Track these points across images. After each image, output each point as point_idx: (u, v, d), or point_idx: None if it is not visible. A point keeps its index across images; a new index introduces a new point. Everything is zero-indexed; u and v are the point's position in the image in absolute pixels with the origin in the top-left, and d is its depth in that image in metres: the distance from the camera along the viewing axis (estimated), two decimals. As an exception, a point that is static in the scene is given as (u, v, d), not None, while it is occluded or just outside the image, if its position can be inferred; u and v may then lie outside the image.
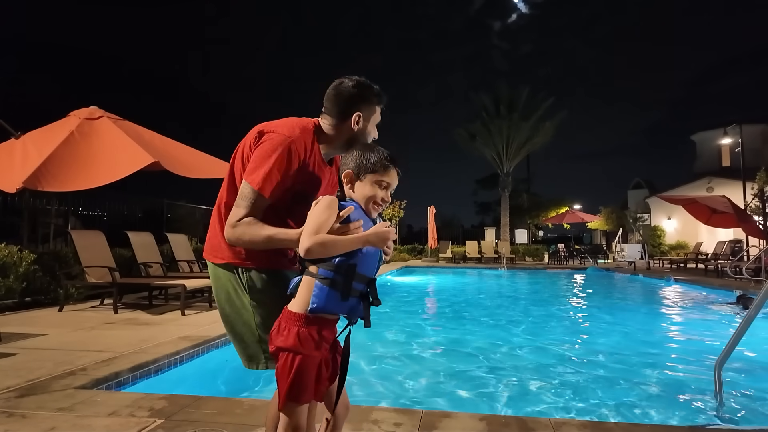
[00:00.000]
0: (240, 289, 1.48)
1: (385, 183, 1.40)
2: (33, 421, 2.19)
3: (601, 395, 3.35)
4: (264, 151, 1.39)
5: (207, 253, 1.56)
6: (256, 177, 1.37)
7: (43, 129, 5.80)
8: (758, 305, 2.81)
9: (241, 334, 1.52)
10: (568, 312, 7.69)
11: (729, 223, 12.27)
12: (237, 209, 1.39)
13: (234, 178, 1.49)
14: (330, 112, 1.53)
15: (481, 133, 23.88)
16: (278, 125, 1.46)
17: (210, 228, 1.56)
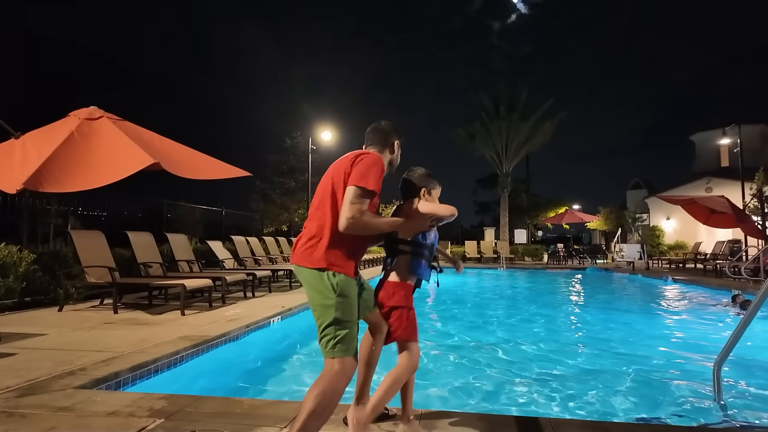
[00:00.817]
0: (322, 290, 1.85)
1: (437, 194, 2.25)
2: (33, 420, 2.19)
3: (600, 395, 3.36)
4: (369, 163, 1.90)
5: (309, 261, 1.89)
6: (369, 181, 1.86)
7: (43, 129, 5.79)
8: (757, 305, 2.82)
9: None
10: (567, 312, 7.70)
11: (728, 223, 12.27)
12: (358, 204, 1.82)
13: (335, 196, 1.92)
14: (374, 142, 2.16)
15: (481, 133, 23.90)
16: (370, 152, 2.03)
17: (313, 240, 1.91)
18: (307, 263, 1.87)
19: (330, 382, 1.77)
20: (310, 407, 1.71)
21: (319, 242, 1.87)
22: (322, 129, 17.29)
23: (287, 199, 21.65)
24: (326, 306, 1.82)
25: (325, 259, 1.85)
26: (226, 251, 9.02)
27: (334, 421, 2.22)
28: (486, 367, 4.09)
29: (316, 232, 1.90)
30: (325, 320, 1.82)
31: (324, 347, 1.82)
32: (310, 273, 1.87)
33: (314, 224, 1.92)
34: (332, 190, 1.92)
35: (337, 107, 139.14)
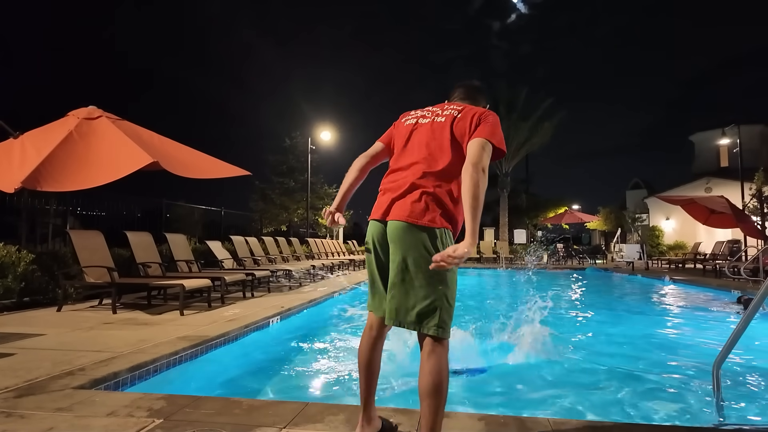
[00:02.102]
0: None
1: None
2: (31, 421, 2.19)
3: (599, 395, 3.35)
4: (495, 123, 1.79)
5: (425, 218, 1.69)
6: (500, 139, 1.76)
7: (42, 129, 5.79)
8: (756, 305, 2.81)
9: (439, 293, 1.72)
10: (566, 312, 7.70)
11: (727, 223, 12.29)
12: (486, 155, 1.69)
13: (455, 144, 1.78)
14: (466, 98, 2.04)
15: (480, 133, 23.85)
16: (474, 108, 1.88)
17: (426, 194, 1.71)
18: (426, 221, 1.67)
19: (444, 361, 1.68)
20: (443, 394, 1.63)
21: (439, 198, 1.70)
22: (322, 129, 17.30)
23: (286, 199, 21.65)
24: (447, 274, 1.69)
25: (447, 218, 1.71)
26: (225, 251, 9.01)
27: (332, 421, 2.22)
28: (484, 366, 4.08)
29: (433, 187, 1.71)
30: (444, 292, 1.69)
31: (431, 323, 1.66)
32: (428, 233, 1.67)
33: (431, 178, 1.73)
34: (453, 141, 1.77)
35: (337, 107, 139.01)
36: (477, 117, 1.79)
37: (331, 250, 14.92)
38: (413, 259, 1.67)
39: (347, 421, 2.22)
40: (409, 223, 1.68)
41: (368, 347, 1.93)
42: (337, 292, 7.93)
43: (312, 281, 9.59)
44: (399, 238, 1.70)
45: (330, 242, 15.91)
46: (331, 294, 7.61)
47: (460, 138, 1.78)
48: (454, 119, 1.82)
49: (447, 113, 1.86)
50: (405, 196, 1.73)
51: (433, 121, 1.86)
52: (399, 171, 1.82)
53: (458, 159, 1.75)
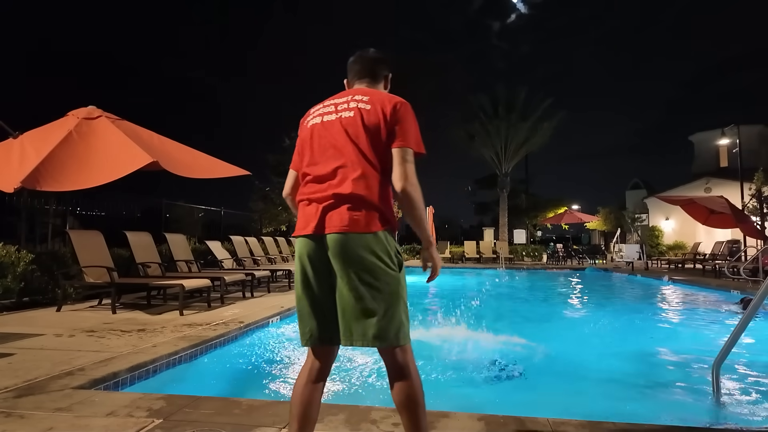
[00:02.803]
0: (390, 258, 1.57)
1: None
2: (31, 421, 2.19)
3: (599, 395, 3.35)
4: (410, 118, 1.65)
5: (365, 224, 1.55)
6: (417, 140, 1.64)
7: (41, 128, 5.78)
8: (756, 305, 2.82)
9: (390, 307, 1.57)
10: (565, 312, 7.70)
11: (727, 223, 12.29)
12: (412, 166, 1.59)
13: (373, 140, 1.62)
14: (365, 74, 1.83)
15: (480, 133, 23.90)
16: (394, 96, 1.71)
17: (360, 199, 1.56)
18: (367, 227, 1.54)
19: (413, 368, 1.59)
20: (420, 402, 1.55)
21: (373, 200, 1.58)
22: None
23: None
24: (399, 277, 1.58)
25: (385, 219, 1.59)
26: (224, 251, 9.01)
27: (332, 421, 2.22)
28: (484, 366, 4.08)
29: (365, 189, 1.58)
30: (401, 296, 1.58)
31: (393, 333, 1.53)
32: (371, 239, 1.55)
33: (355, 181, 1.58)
34: (370, 139, 1.62)
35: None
36: (389, 111, 1.62)
37: (330, 250, 14.89)
38: (364, 271, 1.52)
39: (347, 421, 2.22)
40: (352, 233, 1.52)
41: (308, 388, 1.62)
42: (337, 292, 7.91)
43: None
44: (343, 252, 1.53)
45: (330, 242, 15.86)
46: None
47: (375, 134, 1.61)
48: (363, 114, 1.64)
49: (353, 106, 1.66)
50: (340, 205, 1.56)
51: (340, 118, 1.66)
52: (321, 177, 1.63)
53: (380, 156, 1.60)
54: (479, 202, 40.02)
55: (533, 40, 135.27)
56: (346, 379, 3.64)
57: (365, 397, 3.28)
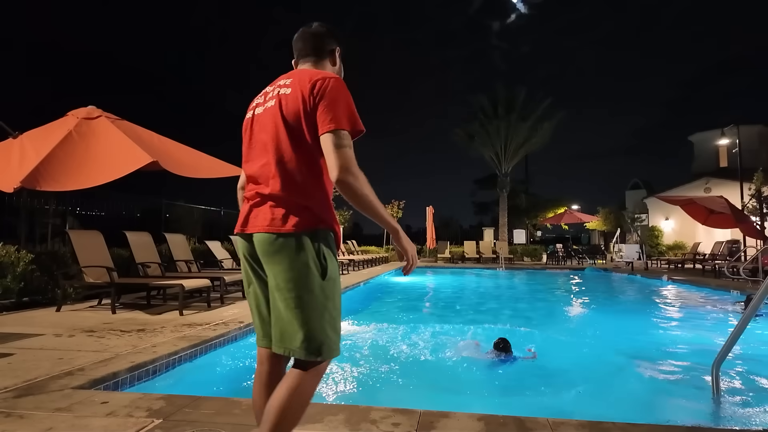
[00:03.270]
0: (314, 262, 1.41)
1: None
2: (30, 421, 2.18)
3: (599, 395, 3.36)
4: (337, 96, 1.42)
5: (282, 224, 1.41)
6: (350, 118, 1.41)
7: (41, 128, 5.79)
8: (755, 305, 2.82)
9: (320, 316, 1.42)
10: (565, 312, 7.70)
11: (726, 223, 12.29)
12: (348, 151, 1.36)
13: (292, 132, 1.44)
14: (308, 52, 1.64)
15: (480, 133, 23.91)
16: (319, 72, 1.51)
17: (285, 196, 1.43)
18: (291, 227, 1.41)
19: (310, 388, 1.42)
20: (290, 422, 1.37)
21: (300, 197, 1.46)
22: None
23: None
24: (327, 285, 1.43)
25: (316, 218, 1.44)
26: (224, 251, 9.01)
27: (332, 421, 2.22)
28: (484, 366, 4.08)
29: (291, 186, 1.45)
30: (328, 306, 1.42)
31: (316, 345, 1.38)
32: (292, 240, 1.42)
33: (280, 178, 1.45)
34: (289, 130, 1.45)
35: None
36: (308, 92, 1.42)
37: (330, 250, 14.90)
38: (286, 274, 1.40)
39: (346, 421, 2.22)
40: (274, 233, 1.42)
41: (260, 390, 1.53)
42: (337, 292, 7.91)
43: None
44: (266, 252, 1.44)
45: (329, 242, 15.88)
46: (330, 294, 7.59)
47: (296, 122, 1.43)
48: (282, 102, 1.47)
49: (276, 94, 1.52)
50: (264, 203, 1.46)
51: (266, 109, 1.52)
52: (252, 176, 1.53)
53: (309, 146, 1.43)
54: (479, 202, 40.11)
55: (533, 40, 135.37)
56: (346, 380, 3.64)
57: (365, 397, 3.28)
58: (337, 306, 1.45)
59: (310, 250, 1.40)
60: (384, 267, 15.71)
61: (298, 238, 1.40)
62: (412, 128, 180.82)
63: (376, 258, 16.94)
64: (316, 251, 1.41)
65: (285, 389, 1.37)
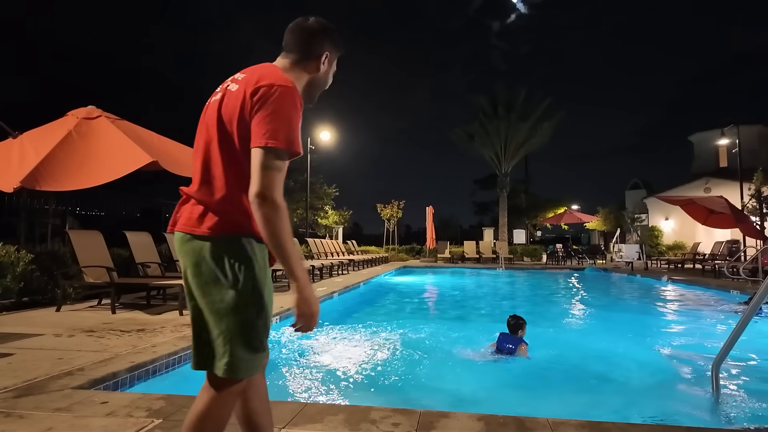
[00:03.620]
0: (230, 269, 1.28)
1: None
2: (30, 421, 2.18)
3: (598, 395, 3.36)
4: (283, 106, 1.25)
5: (197, 225, 1.30)
6: (285, 136, 1.22)
7: (41, 128, 5.79)
8: (755, 305, 2.82)
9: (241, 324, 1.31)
10: (565, 312, 7.70)
11: (726, 223, 12.30)
12: (275, 174, 1.21)
13: (223, 134, 1.31)
14: (293, 48, 1.44)
15: (479, 133, 23.92)
16: (267, 74, 1.32)
17: (207, 195, 1.31)
18: (206, 229, 1.30)
19: (225, 409, 1.34)
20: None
21: (224, 197, 1.32)
22: (321, 129, 17.30)
23: (286, 199, 21.52)
24: (243, 297, 1.29)
25: (237, 222, 1.31)
26: (224, 251, 9.00)
27: (332, 421, 2.22)
28: (484, 366, 4.08)
29: (216, 185, 1.33)
30: (240, 320, 1.28)
31: (221, 361, 1.30)
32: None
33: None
34: (221, 131, 1.33)
35: (335, 107, 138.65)
36: (249, 95, 1.27)
37: (330, 251, 14.92)
38: (196, 278, 1.30)
39: (346, 422, 2.22)
40: (188, 234, 1.31)
41: (239, 404, 1.48)
42: (337, 293, 7.92)
43: (311, 281, 9.58)
44: (181, 253, 1.34)
45: (329, 242, 15.90)
46: (330, 294, 7.60)
47: (229, 125, 1.30)
48: (224, 99, 1.35)
49: (225, 87, 1.38)
50: (188, 201, 1.37)
51: (212, 102, 1.40)
52: (192, 177, 1.43)
53: (234, 154, 1.30)
54: (479, 202, 40.14)
55: (533, 40, 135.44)
56: (346, 380, 3.64)
57: (365, 397, 3.28)
58: (252, 321, 1.29)
59: (222, 257, 1.27)
60: (384, 267, 15.71)
61: (211, 241, 1.28)
62: (412, 128, 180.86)
63: (376, 258, 16.94)
64: (230, 258, 1.27)
65: (193, 411, 1.31)
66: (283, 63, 1.45)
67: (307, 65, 1.45)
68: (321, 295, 7.19)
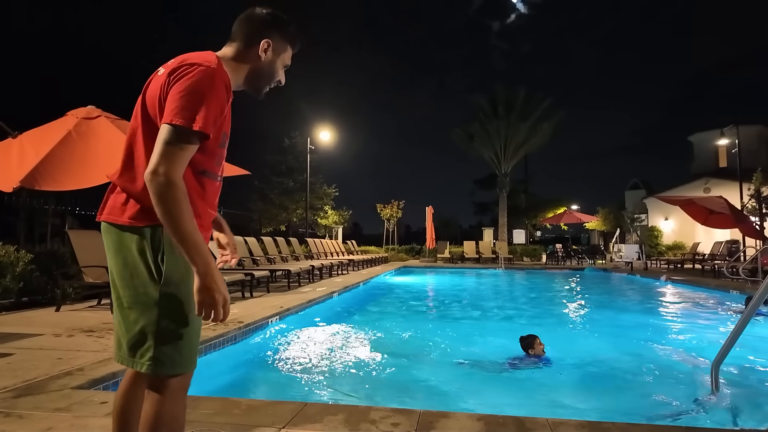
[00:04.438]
0: (153, 261, 1.25)
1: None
2: (30, 421, 2.18)
3: (598, 395, 3.36)
4: (198, 86, 1.21)
5: (120, 214, 1.28)
6: (186, 113, 1.18)
7: (41, 128, 5.78)
8: (755, 305, 2.82)
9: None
10: (565, 312, 7.71)
11: (726, 223, 12.30)
12: (176, 150, 1.17)
13: (146, 119, 1.30)
14: (236, 36, 1.42)
15: (479, 133, 23.94)
16: (192, 56, 1.30)
17: (128, 184, 1.29)
18: (127, 218, 1.28)
19: (166, 407, 1.27)
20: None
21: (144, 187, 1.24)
22: (321, 129, 17.32)
23: (286, 199, 21.66)
24: (162, 289, 1.26)
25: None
26: (224, 251, 8.99)
27: (331, 421, 2.21)
28: (484, 366, 4.09)
29: (137, 174, 1.29)
30: (161, 313, 1.25)
31: (144, 357, 1.25)
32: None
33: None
34: (144, 117, 1.32)
35: (336, 107, 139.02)
36: (171, 76, 1.25)
37: (330, 250, 14.92)
38: (117, 271, 1.29)
39: (346, 422, 2.22)
40: (110, 223, 1.29)
41: (121, 393, 1.41)
42: (336, 293, 7.92)
43: (311, 281, 9.59)
44: (105, 243, 1.33)
45: (329, 242, 15.91)
46: (330, 294, 7.60)
47: (151, 109, 1.29)
48: (149, 85, 1.35)
49: (154, 72, 1.38)
50: (114, 190, 1.34)
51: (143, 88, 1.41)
52: None
53: (155, 136, 1.24)
54: (479, 202, 40.13)
55: (533, 40, 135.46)
56: (346, 380, 3.64)
57: (365, 397, 3.28)
58: (176, 315, 1.25)
59: (146, 248, 1.24)
60: (384, 267, 15.71)
61: (134, 231, 1.25)
62: (412, 128, 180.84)
63: (376, 258, 16.94)
64: (154, 250, 1.24)
65: (144, 423, 1.25)
66: (224, 51, 1.42)
67: (248, 53, 1.42)
68: (321, 295, 7.19)
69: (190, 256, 1.17)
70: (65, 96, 44.92)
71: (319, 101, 21.40)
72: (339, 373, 3.77)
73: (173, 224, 1.15)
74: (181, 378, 1.31)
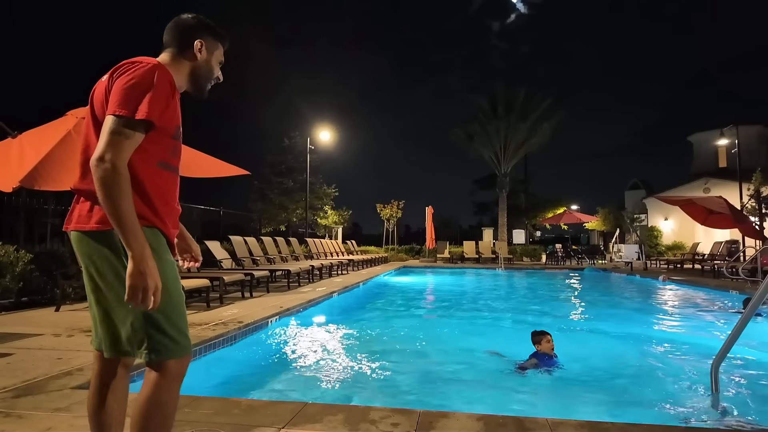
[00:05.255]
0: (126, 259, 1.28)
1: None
2: (29, 421, 2.18)
3: (598, 395, 3.36)
4: (142, 80, 1.28)
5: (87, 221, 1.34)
6: (127, 102, 1.24)
7: (40, 128, 5.77)
8: (754, 305, 2.82)
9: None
10: (564, 312, 7.70)
11: (726, 223, 12.30)
12: (121, 139, 1.22)
13: (96, 121, 1.36)
14: (170, 43, 1.50)
15: (479, 133, 23.93)
16: (133, 58, 1.37)
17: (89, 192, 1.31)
18: (94, 224, 1.34)
19: (164, 393, 1.39)
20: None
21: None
22: (320, 129, 17.32)
23: (285, 199, 21.64)
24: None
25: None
26: (223, 251, 9.00)
27: (331, 421, 2.21)
28: (484, 366, 4.09)
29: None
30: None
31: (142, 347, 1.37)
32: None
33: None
34: (94, 119, 1.38)
35: (336, 107, 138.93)
36: (113, 75, 1.33)
37: (329, 250, 14.92)
38: (98, 273, 1.36)
39: (346, 422, 2.22)
40: (80, 231, 1.35)
41: (94, 394, 1.54)
42: (336, 292, 7.92)
43: (311, 281, 9.58)
44: (77, 251, 1.39)
45: (329, 242, 15.91)
46: (329, 294, 7.60)
47: (99, 111, 1.35)
48: (96, 87, 1.41)
49: (100, 79, 1.43)
50: (78, 198, 1.40)
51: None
52: None
53: None
54: (478, 202, 40.12)
55: (533, 40, 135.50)
56: (346, 380, 3.64)
57: (364, 397, 3.28)
58: (161, 308, 1.32)
59: (119, 249, 1.30)
60: (383, 267, 15.71)
61: (103, 235, 1.32)
62: (412, 128, 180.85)
63: (376, 258, 16.94)
64: (125, 249, 1.27)
65: (142, 405, 1.37)
66: (162, 58, 1.49)
67: (184, 55, 1.49)
68: (320, 295, 7.19)
69: (127, 240, 1.22)
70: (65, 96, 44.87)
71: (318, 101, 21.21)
72: (339, 373, 3.77)
73: (113, 208, 1.20)
74: (179, 363, 1.39)
